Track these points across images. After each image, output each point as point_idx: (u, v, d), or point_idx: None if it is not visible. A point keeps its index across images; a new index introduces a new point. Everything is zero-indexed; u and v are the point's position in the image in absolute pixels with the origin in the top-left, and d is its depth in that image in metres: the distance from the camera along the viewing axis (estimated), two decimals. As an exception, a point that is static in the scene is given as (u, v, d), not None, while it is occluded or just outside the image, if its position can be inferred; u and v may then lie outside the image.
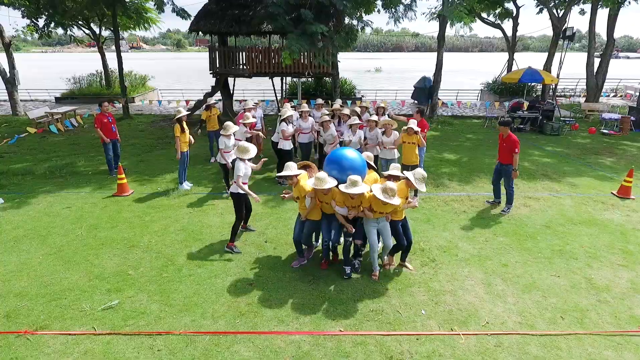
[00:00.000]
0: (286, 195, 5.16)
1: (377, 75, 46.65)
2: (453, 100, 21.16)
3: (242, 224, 5.90)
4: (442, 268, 5.33)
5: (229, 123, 7.11)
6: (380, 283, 5.01)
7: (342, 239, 5.16)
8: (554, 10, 17.27)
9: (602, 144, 12.56)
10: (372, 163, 5.40)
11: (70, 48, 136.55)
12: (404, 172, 5.03)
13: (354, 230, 4.87)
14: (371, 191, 4.64)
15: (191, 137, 8.21)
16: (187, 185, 8.32)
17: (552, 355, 3.82)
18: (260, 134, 9.19)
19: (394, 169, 5.24)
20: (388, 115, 8.95)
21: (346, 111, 8.71)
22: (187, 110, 8.75)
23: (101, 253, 5.64)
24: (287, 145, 8.36)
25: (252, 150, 5.55)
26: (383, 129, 7.60)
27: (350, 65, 58.49)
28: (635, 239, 6.18)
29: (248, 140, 8.99)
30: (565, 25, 16.31)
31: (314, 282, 5.00)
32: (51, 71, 44.91)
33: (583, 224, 6.74)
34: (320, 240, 5.49)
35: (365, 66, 59.25)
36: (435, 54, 16.23)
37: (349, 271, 5.04)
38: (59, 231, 6.31)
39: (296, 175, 4.88)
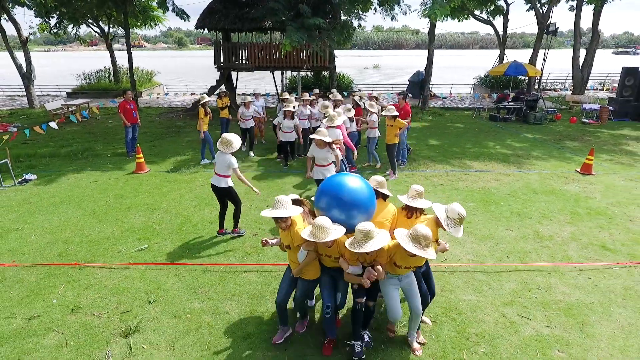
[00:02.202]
0: (270, 241, 3.83)
1: (376, 71, 47.60)
2: (447, 93, 22.12)
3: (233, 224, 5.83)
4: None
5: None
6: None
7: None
8: (539, 8, 18.19)
9: (579, 131, 13.53)
10: (384, 190, 3.85)
11: (72, 47, 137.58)
12: (435, 204, 3.58)
13: (369, 284, 3.34)
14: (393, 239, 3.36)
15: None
16: (205, 161, 9.55)
17: (493, 279, 4.83)
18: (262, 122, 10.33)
19: (416, 197, 3.70)
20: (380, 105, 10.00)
21: (339, 97, 9.78)
22: (204, 97, 9.70)
23: (128, 214, 6.67)
24: (289, 137, 9.13)
25: (236, 142, 5.33)
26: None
27: (351, 62, 59.39)
28: (585, 204, 7.18)
29: (248, 131, 10.04)
30: (549, 21, 17.22)
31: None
32: (56, 69, 46.05)
33: (543, 193, 7.74)
34: (314, 301, 4.22)
35: (365, 63, 60.16)
36: (435, 50, 17.18)
37: (359, 349, 3.52)
38: (90, 199, 7.35)
39: (289, 218, 3.47)
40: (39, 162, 9.68)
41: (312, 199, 3.64)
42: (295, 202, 3.68)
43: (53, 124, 9.93)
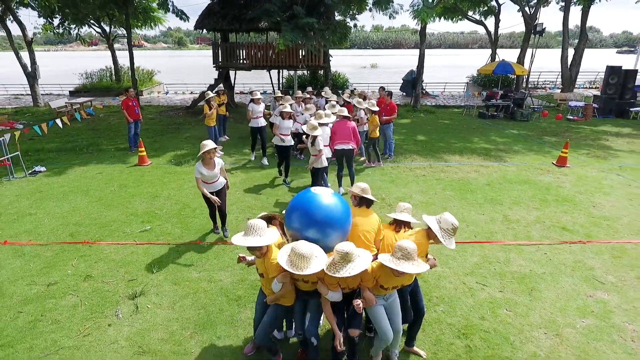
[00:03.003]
0: (248, 258, 3.51)
1: (373, 70, 48.17)
2: (440, 91, 22.70)
3: (218, 224, 5.92)
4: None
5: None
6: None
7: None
8: (526, 9, 18.78)
9: (562, 127, 14.10)
10: (368, 196, 3.63)
11: (72, 46, 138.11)
12: (425, 216, 3.28)
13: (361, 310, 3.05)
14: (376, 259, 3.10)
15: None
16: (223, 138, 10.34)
17: (459, 255, 5.41)
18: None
19: (404, 211, 3.67)
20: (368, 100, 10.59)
21: (330, 94, 10.39)
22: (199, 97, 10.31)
23: (132, 201, 7.26)
24: (285, 141, 8.04)
25: (208, 144, 5.17)
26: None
27: (349, 61, 59.97)
28: (555, 193, 7.76)
29: (259, 131, 10.15)
30: (537, 21, 17.80)
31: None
32: (57, 68, 46.67)
33: (518, 183, 8.32)
34: (282, 334, 3.89)
35: (363, 62, 60.73)
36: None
37: None
38: (96, 188, 7.93)
39: (265, 246, 3.11)
40: (46, 156, 10.26)
41: (284, 212, 3.37)
42: (265, 217, 3.42)
43: (59, 122, 10.50)
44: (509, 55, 21.48)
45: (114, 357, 3.63)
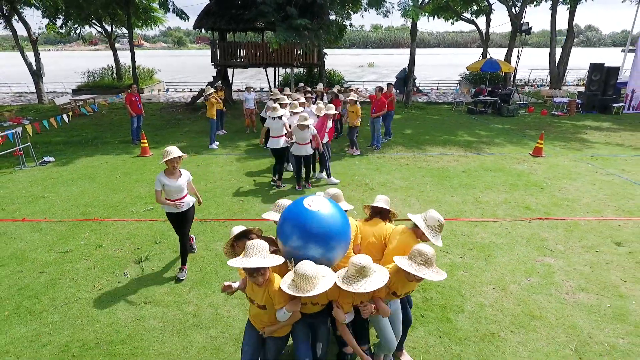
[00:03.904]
0: (233, 285, 3.02)
1: (370, 69, 48.83)
2: (430, 89, 23.36)
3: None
4: (376, 192, 7.57)
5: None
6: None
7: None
8: (512, 8, 19.44)
9: (545, 122, 14.76)
10: (342, 204, 3.39)
11: (72, 46, 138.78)
12: (410, 215, 3.29)
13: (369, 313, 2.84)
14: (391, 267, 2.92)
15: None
16: (215, 145, 10.88)
17: (445, 227, 6.05)
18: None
19: (380, 201, 3.53)
20: (356, 94, 11.27)
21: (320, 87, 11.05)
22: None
23: (136, 186, 7.91)
24: (278, 143, 7.60)
25: (173, 152, 4.36)
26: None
27: (348, 60, 60.62)
28: (526, 178, 8.41)
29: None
30: (522, 20, 18.45)
31: None
32: (58, 67, 47.30)
33: (493, 170, 8.97)
34: None
35: (362, 62, 61.41)
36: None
37: None
38: (102, 175, 8.59)
39: (267, 269, 2.71)
40: (54, 148, 10.91)
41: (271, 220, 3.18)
42: (242, 234, 3.04)
43: (65, 117, 11.13)
44: (502, 54, 22.11)
45: (124, 305, 4.29)
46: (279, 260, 2.69)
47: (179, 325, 3.99)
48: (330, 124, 8.15)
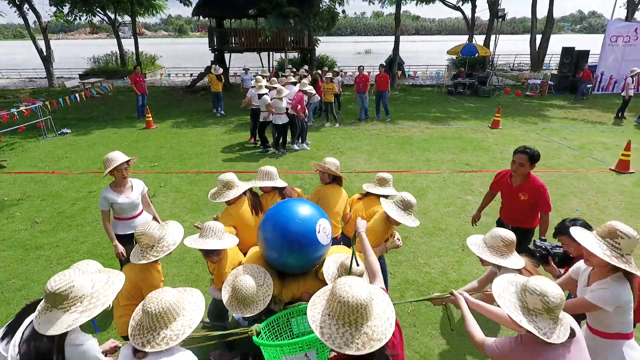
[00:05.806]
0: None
1: (366, 56, 49.77)
2: (414, 72, 24.60)
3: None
4: (346, 156, 8.99)
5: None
6: None
7: None
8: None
9: (516, 102, 16.05)
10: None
11: (74, 34, 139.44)
12: (382, 200, 3.23)
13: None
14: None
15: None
16: (219, 114, 12.75)
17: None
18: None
19: (371, 188, 3.70)
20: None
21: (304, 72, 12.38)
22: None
23: (143, 150, 9.37)
24: (280, 119, 8.75)
25: (117, 157, 3.70)
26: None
27: (346, 47, 61.38)
28: (476, 144, 9.80)
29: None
30: (498, 7, 19.58)
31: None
32: (62, 55, 48.57)
33: (451, 139, 10.36)
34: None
35: (359, 48, 62.23)
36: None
37: None
38: (114, 142, 10.05)
39: (223, 251, 2.84)
40: (69, 123, 12.35)
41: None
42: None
43: (78, 96, 12.50)
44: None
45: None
46: (234, 241, 2.81)
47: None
48: (306, 98, 9.54)
